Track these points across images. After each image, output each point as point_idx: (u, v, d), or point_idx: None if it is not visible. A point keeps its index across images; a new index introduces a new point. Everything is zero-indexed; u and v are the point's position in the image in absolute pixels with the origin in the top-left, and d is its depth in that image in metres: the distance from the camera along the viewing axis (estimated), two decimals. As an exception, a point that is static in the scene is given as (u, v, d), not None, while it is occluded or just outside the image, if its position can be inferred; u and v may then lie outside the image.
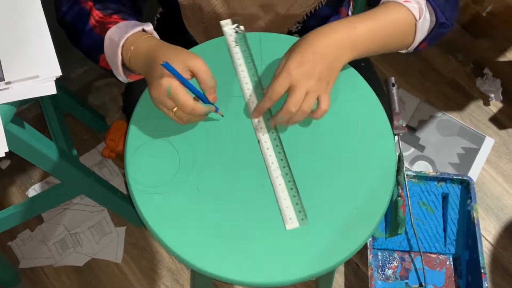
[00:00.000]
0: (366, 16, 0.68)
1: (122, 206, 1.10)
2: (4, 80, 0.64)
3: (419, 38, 0.71)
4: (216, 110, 0.66)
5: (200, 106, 0.63)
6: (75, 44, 0.73)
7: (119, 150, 1.18)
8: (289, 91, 0.64)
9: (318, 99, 0.65)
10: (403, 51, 0.74)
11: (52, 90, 0.64)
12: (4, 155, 0.61)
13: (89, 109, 1.28)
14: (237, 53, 0.73)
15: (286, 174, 0.65)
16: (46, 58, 0.66)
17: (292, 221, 0.62)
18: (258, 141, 0.67)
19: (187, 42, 0.84)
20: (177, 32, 0.86)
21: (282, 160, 0.66)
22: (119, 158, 1.24)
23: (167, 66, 0.59)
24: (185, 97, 0.61)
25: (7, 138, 0.62)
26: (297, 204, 0.63)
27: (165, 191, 0.64)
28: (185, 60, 0.62)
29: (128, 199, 1.11)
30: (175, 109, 0.62)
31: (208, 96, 0.65)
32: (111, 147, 1.18)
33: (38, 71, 0.65)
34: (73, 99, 1.20)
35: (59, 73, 0.65)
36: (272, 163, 0.65)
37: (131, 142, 0.67)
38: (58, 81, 0.66)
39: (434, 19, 0.70)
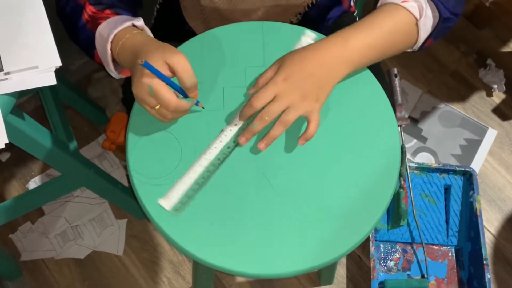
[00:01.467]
0: (362, 26, 0.66)
1: (123, 199, 1.10)
2: (3, 70, 0.63)
3: (423, 36, 0.69)
4: (197, 103, 0.65)
5: (184, 103, 0.61)
6: (72, 39, 0.72)
7: (119, 142, 1.18)
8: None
9: (307, 120, 0.64)
10: (409, 50, 0.72)
11: (52, 80, 0.64)
12: (4, 146, 0.61)
13: (89, 101, 1.27)
14: None
15: (208, 171, 0.64)
16: (45, 48, 0.65)
17: (168, 201, 0.62)
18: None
19: (186, 33, 0.83)
20: (176, 23, 0.85)
21: (218, 159, 0.64)
22: (120, 150, 1.23)
23: (146, 65, 0.58)
24: (168, 95, 0.59)
25: (7, 130, 0.62)
26: (188, 197, 0.62)
27: (167, 182, 0.63)
28: (166, 57, 0.59)
29: (129, 191, 1.10)
30: (157, 107, 0.60)
31: (188, 94, 0.63)
32: (112, 139, 1.17)
33: (38, 61, 0.64)
34: (73, 91, 1.19)
35: (58, 63, 0.64)
36: (211, 153, 0.65)
37: (132, 133, 0.66)
38: (57, 73, 0.65)
39: (437, 14, 0.68)
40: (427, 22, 0.67)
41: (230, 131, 0.66)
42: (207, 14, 0.79)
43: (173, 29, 0.85)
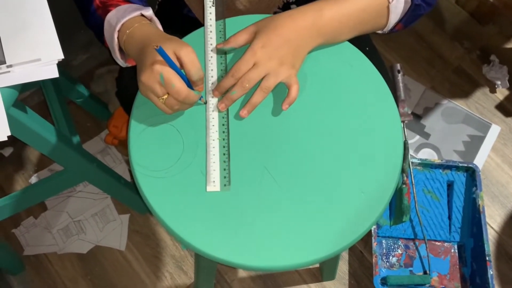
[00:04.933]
0: (336, 0, 0.67)
1: (126, 193, 1.10)
2: (5, 63, 0.63)
3: (393, 20, 0.70)
4: (200, 98, 0.65)
5: (193, 94, 0.62)
6: (85, 23, 0.73)
7: (122, 136, 1.18)
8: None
9: (287, 85, 0.66)
10: (379, 32, 0.73)
11: (54, 73, 0.64)
12: (6, 139, 0.61)
13: (92, 96, 1.27)
14: (211, 13, 0.72)
15: (223, 139, 0.65)
16: (47, 41, 0.65)
17: (214, 184, 0.62)
18: (205, 102, 0.67)
19: (187, 18, 0.83)
20: (177, 7, 0.85)
21: (223, 125, 0.66)
22: (122, 145, 1.23)
23: (160, 51, 0.58)
24: (180, 83, 0.60)
25: (9, 123, 0.62)
26: (224, 169, 0.63)
27: (170, 175, 0.63)
28: (175, 48, 0.61)
29: (131, 186, 1.10)
30: (165, 96, 0.61)
31: (194, 87, 0.64)
32: (114, 133, 1.17)
33: (40, 54, 0.64)
34: (75, 86, 1.19)
35: (61, 56, 0.64)
36: (213, 125, 0.66)
37: (134, 126, 0.66)
38: (60, 68, 0.65)
39: (409, 0, 0.69)
40: (398, 6, 0.69)
41: (213, 98, 0.67)
42: None
43: (174, 15, 0.85)
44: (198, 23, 0.78)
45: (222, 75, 0.68)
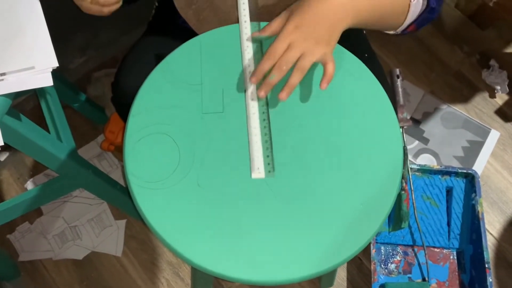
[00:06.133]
0: None
1: (122, 200, 1.09)
2: (-2, 71, 0.62)
3: (410, 19, 0.71)
4: None
5: None
6: None
7: (118, 142, 1.17)
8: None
9: (323, 63, 0.65)
10: (391, 32, 0.74)
11: (48, 81, 0.63)
12: (-1, 148, 0.60)
13: (88, 100, 1.26)
14: (244, 3, 0.72)
15: (264, 127, 0.65)
16: (42, 48, 0.64)
17: (259, 171, 0.62)
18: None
19: (180, 28, 0.82)
20: (172, 18, 0.84)
21: (264, 113, 0.66)
22: (119, 151, 1.22)
23: None
24: None
25: (2, 131, 0.61)
26: (267, 156, 0.63)
27: (165, 187, 0.62)
28: None
29: (127, 192, 1.09)
30: None
31: None
32: (110, 139, 1.16)
33: (34, 62, 0.63)
34: (72, 90, 1.18)
35: (55, 64, 0.63)
36: (254, 113, 0.66)
37: (130, 135, 0.65)
38: (56, 72, 0.64)
39: (425, 2, 0.71)
40: (417, 6, 0.70)
41: (253, 87, 0.67)
42: (198, 3, 0.77)
43: (169, 25, 0.84)
44: (193, 33, 0.77)
45: None
